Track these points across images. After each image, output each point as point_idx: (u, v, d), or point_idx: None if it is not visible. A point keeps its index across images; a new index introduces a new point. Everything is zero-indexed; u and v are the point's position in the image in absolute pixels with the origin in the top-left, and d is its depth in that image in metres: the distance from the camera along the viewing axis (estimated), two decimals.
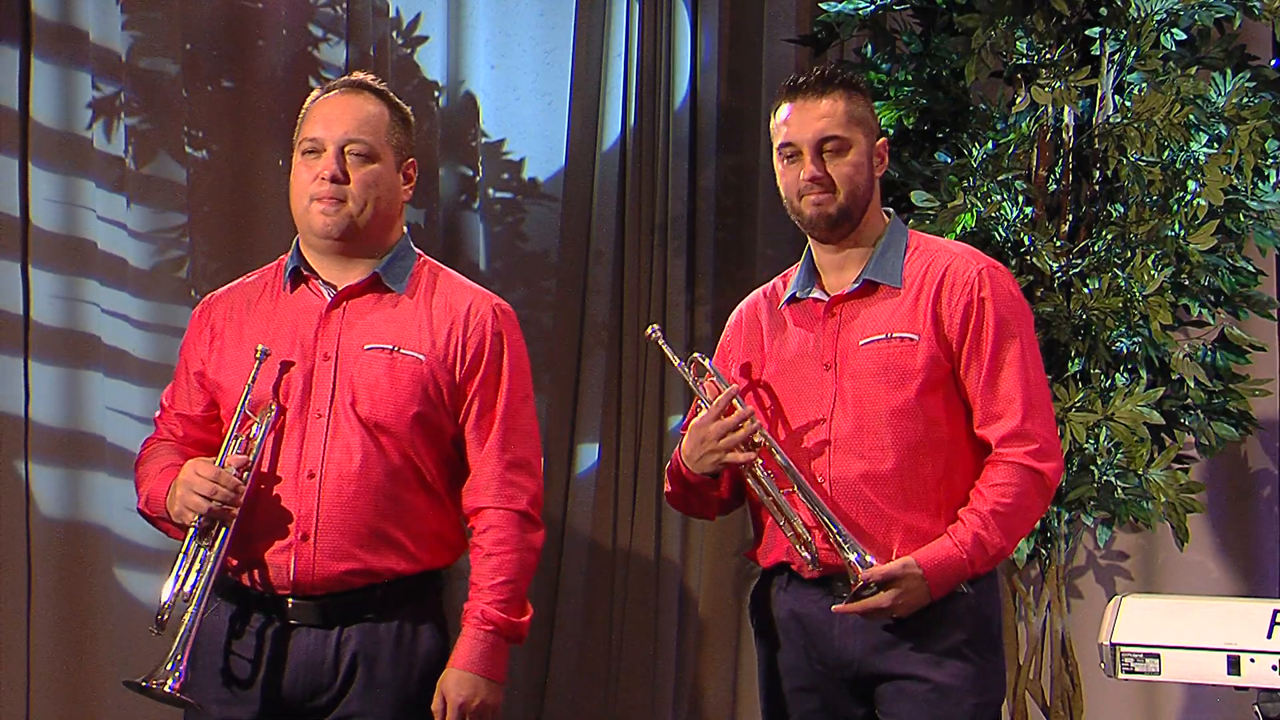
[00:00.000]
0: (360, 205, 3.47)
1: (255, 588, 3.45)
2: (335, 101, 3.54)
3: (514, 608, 3.48)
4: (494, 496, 3.49)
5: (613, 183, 5.72)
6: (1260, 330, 5.19)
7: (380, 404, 3.44)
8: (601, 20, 5.72)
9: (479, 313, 3.54)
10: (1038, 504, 3.52)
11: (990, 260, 3.62)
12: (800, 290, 3.64)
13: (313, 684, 3.44)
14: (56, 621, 5.05)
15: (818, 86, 3.58)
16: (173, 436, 3.59)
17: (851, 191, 3.56)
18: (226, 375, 3.51)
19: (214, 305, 3.62)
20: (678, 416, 5.66)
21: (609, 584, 5.68)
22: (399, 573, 3.46)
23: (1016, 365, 3.52)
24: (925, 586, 3.43)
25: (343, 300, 3.51)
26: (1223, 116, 4.75)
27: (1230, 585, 5.62)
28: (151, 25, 5.21)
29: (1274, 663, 3.62)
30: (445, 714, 3.44)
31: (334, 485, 3.42)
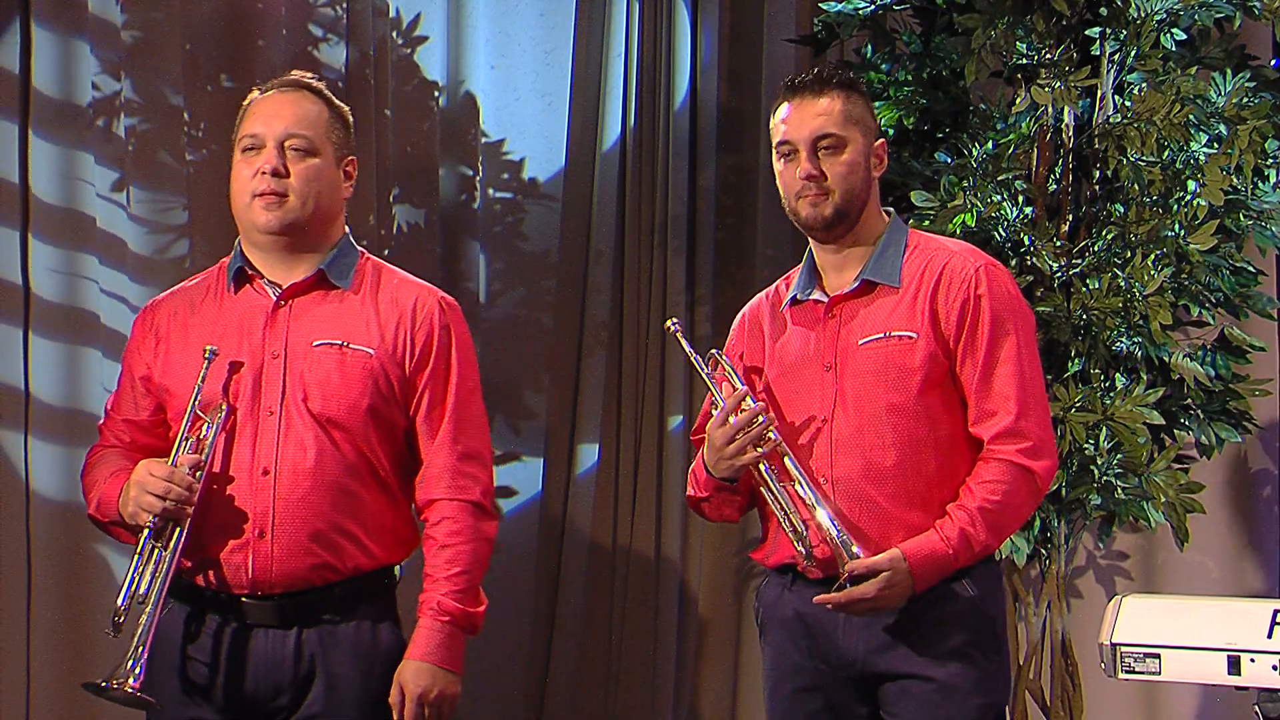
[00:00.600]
0: (302, 199, 3.49)
1: (210, 587, 3.45)
2: (274, 99, 3.56)
3: (469, 598, 3.49)
4: (447, 488, 3.51)
5: (613, 183, 5.72)
6: (1260, 330, 5.19)
7: (332, 399, 3.46)
8: (601, 20, 5.71)
9: (426, 306, 3.56)
10: (1027, 502, 3.53)
11: (989, 258, 3.63)
12: (801, 292, 3.65)
13: (273, 684, 3.45)
14: (56, 620, 5.05)
15: (815, 85, 3.59)
16: (119, 443, 3.59)
17: (847, 191, 3.57)
18: (174, 378, 3.52)
19: (157, 310, 3.63)
20: (678, 416, 5.66)
21: (609, 584, 5.68)
22: (357, 568, 3.47)
23: (1012, 363, 3.53)
24: (910, 580, 3.43)
25: (289, 298, 3.53)
26: (1223, 116, 4.75)
27: (1230, 585, 5.62)
28: (151, 25, 5.21)
29: (1274, 663, 3.61)
30: (404, 706, 3.44)
31: (289, 482, 3.43)
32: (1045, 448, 3.54)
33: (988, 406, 3.52)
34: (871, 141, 3.62)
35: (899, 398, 3.51)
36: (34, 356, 5.09)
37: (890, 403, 3.51)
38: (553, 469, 5.67)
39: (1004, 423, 3.50)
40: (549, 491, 5.66)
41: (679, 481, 5.68)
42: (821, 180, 3.55)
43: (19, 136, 5.09)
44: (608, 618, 5.67)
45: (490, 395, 5.61)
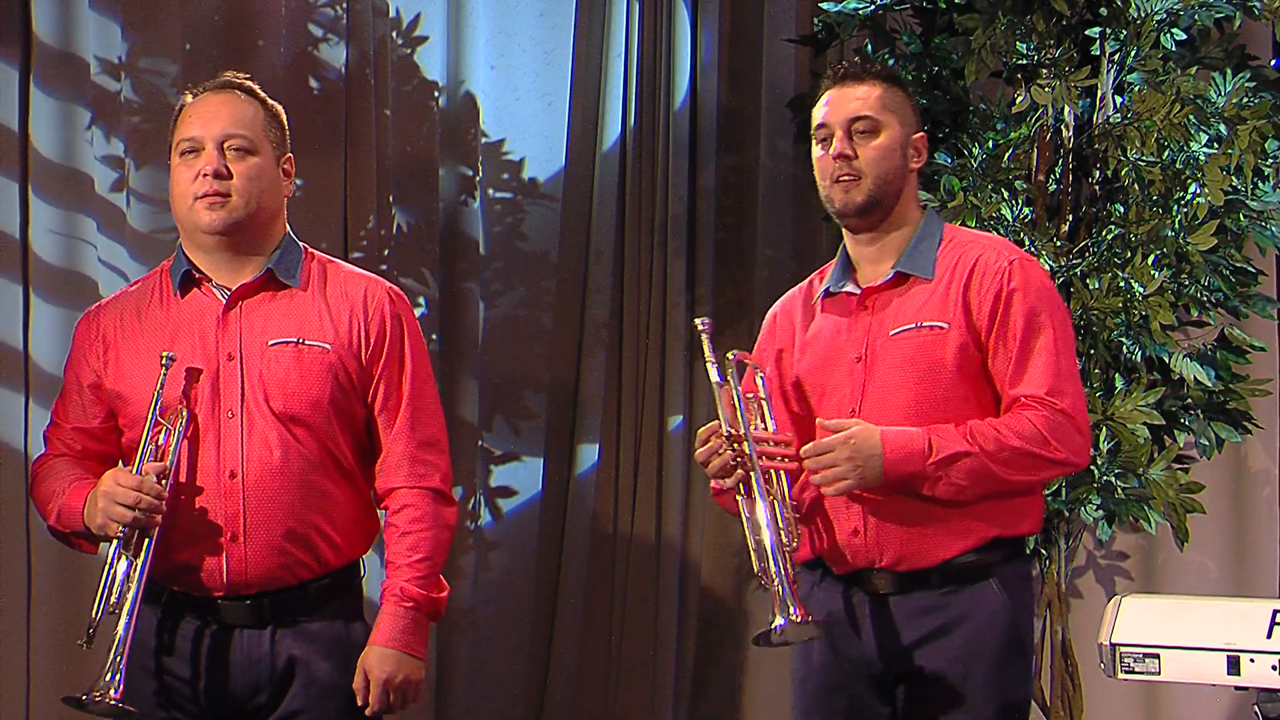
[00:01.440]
0: (245, 198, 3.49)
1: (188, 592, 3.46)
2: (209, 101, 3.55)
3: (432, 583, 3.51)
4: (407, 476, 3.53)
5: (613, 183, 5.72)
6: (1260, 330, 5.19)
7: (293, 397, 3.47)
8: (601, 20, 5.71)
9: (376, 298, 3.57)
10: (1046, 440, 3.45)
11: (1022, 252, 3.62)
12: (834, 285, 3.64)
13: (251, 684, 3.46)
14: (56, 621, 5.05)
15: (856, 73, 3.61)
16: (70, 451, 3.58)
17: (879, 176, 3.55)
18: (127, 384, 3.51)
19: (101, 315, 3.63)
20: (678, 416, 5.66)
21: (609, 584, 5.68)
22: (329, 564, 3.49)
23: (1048, 353, 3.50)
24: (879, 448, 3.41)
25: (238, 299, 3.52)
26: (1223, 116, 4.75)
27: (1230, 585, 5.62)
28: (151, 25, 5.21)
29: (1274, 663, 3.61)
30: (368, 691, 3.45)
31: (256, 483, 3.43)
32: (1082, 419, 3.49)
33: (1021, 389, 3.49)
34: (909, 132, 3.61)
35: (928, 389, 3.50)
36: (34, 356, 5.09)
37: (919, 394, 3.49)
38: (553, 469, 5.67)
39: (1043, 389, 3.47)
40: (549, 491, 5.66)
41: (679, 481, 5.68)
42: (853, 160, 3.54)
43: (19, 137, 5.09)
44: (608, 618, 5.67)
45: (490, 395, 5.66)
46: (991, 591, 3.49)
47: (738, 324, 5.76)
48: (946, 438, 3.44)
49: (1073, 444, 3.48)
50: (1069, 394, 3.49)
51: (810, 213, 5.72)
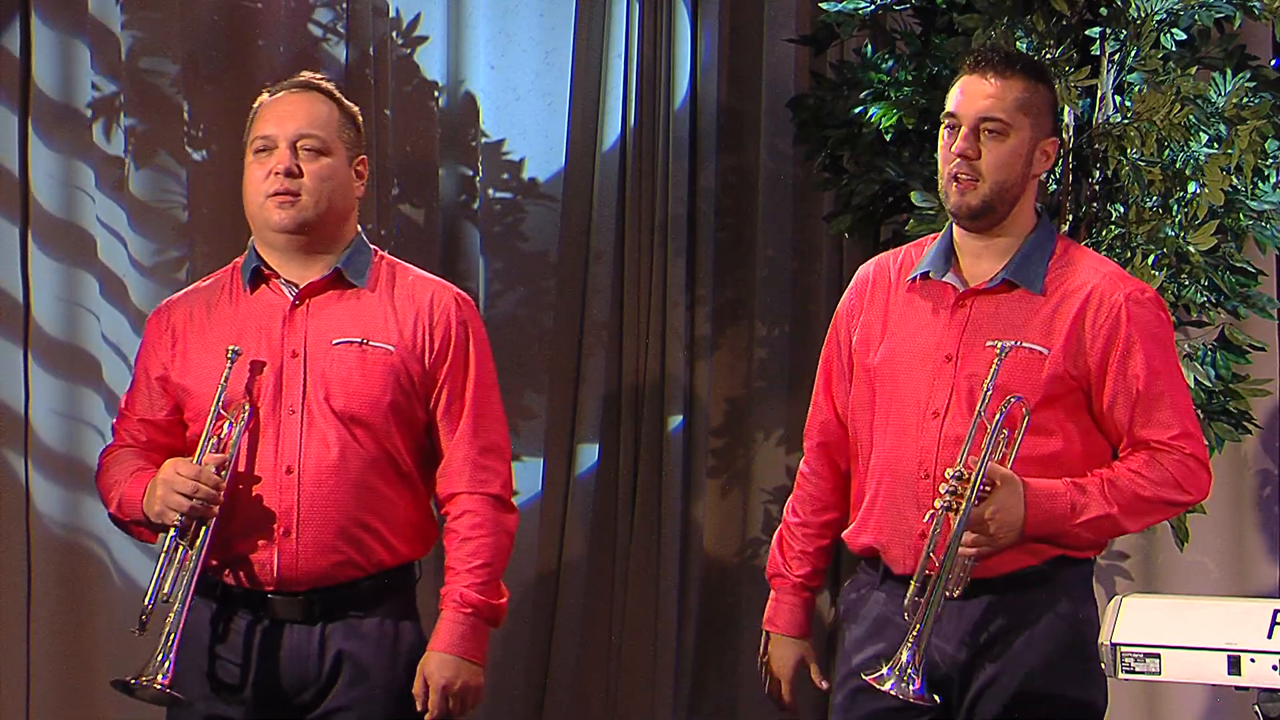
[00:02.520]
0: (315, 199, 3.51)
1: (239, 585, 3.48)
2: (285, 100, 3.58)
3: (492, 590, 3.52)
4: (468, 481, 3.54)
5: (613, 183, 5.72)
6: (1260, 330, 5.19)
7: (354, 397, 3.48)
8: (601, 20, 5.71)
9: (442, 302, 3.58)
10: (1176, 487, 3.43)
11: (1136, 282, 3.52)
12: (935, 270, 3.53)
13: (299, 679, 3.48)
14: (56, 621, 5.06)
15: (999, 65, 3.49)
16: (135, 442, 3.61)
17: (999, 182, 3.45)
18: (193, 378, 3.54)
19: (172, 310, 3.65)
20: (678, 416, 5.66)
21: (609, 584, 5.68)
22: (381, 564, 3.50)
23: (1171, 394, 3.44)
24: (1023, 504, 3.33)
25: (305, 297, 3.55)
26: (1223, 116, 4.75)
27: (1230, 585, 5.61)
28: (151, 25, 5.21)
29: (1274, 663, 3.61)
30: (427, 697, 3.46)
31: (313, 480, 3.45)
32: (1206, 456, 3.46)
33: (1150, 434, 3.43)
34: (1040, 137, 3.49)
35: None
36: (34, 357, 5.09)
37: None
38: (553, 469, 5.67)
39: (1170, 433, 3.43)
40: (549, 491, 5.66)
41: (679, 481, 5.68)
42: (974, 161, 3.44)
43: (19, 136, 5.09)
44: (608, 618, 5.67)
45: None
46: (1054, 598, 3.45)
47: (738, 324, 5.76)
48: (1089, 498, 3.38)
49: (1199, 483, 3.47)
50: (1193, 433, 3.46)
51: (810, 213, 5.72)
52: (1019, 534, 3.36)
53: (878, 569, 3.54)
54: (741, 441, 5.75)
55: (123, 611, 5.08)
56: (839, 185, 5.14)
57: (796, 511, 3.69)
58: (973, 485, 3.32)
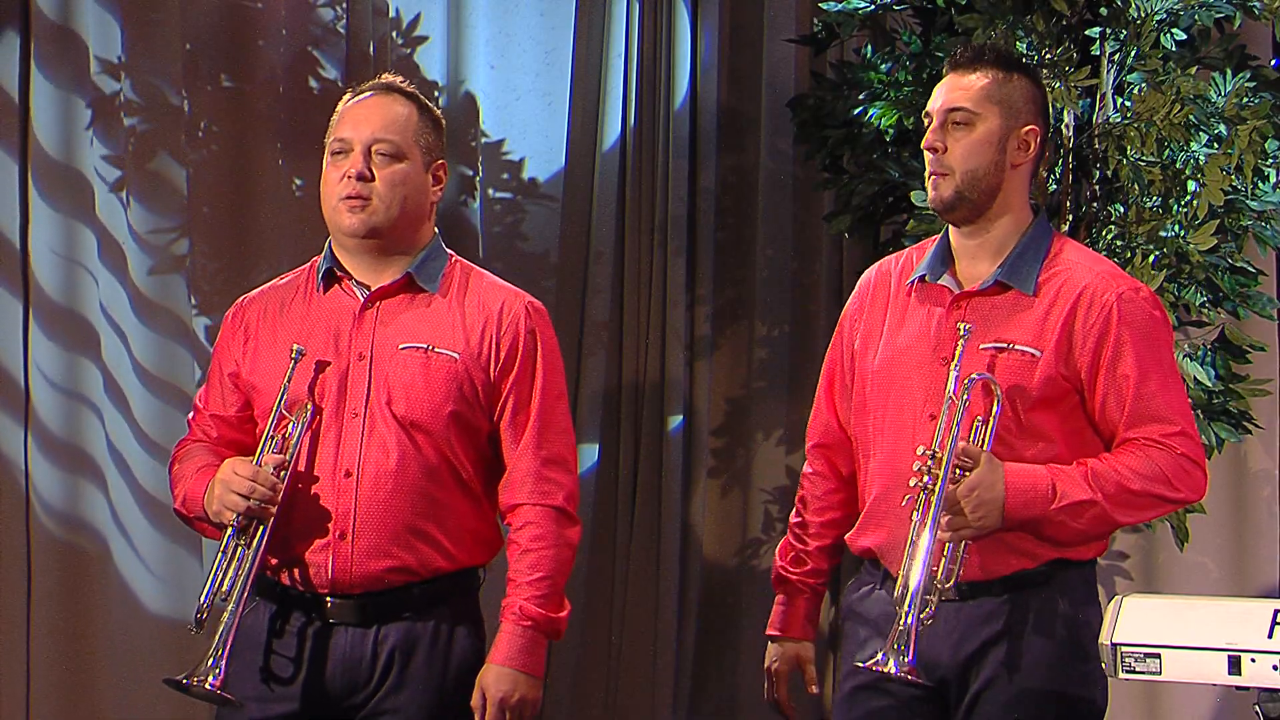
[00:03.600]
0: (386, 203, 3.49)
1: (294, 587, 3.47)
2: (365, 103, 3.56)
3: (552, 603, 3.50)
4: (530, 493, 3.53)
5: (613, 183, 5.72)
6: (1260, 330, 5.19)
7: (416, 403, 3.47)
8: (601, 20, 5.72)
9: (512, 311, 3.56)
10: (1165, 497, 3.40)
11: (1130, 281, 3.49)
12: (931, 273, 3.51)
13: (350, 682, 3.47)
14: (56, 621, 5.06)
15: (968, 60, 3.50)
16: (207, 438, 3.60)
17: (968, 172, 3.43)
18: (262, 376, 3.53)
19: (247, 307, 3.64)
20: (678, 416, 5.66)
21: (609, 584, 5.69)
22: (437, 570, 3.48)
23: (1163, 392, 3.41)
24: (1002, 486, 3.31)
25: (376, 300, 3.53)
26: (1223, 116, 4.75)
27: (1230, 585, 5.62)
28: (151, 25, 5.21)
29: (1275, 663, 3.61)
30: (485, 710, 3.45)
31: (371, 484, 3.44)
32: (1200, 455, 3.43)
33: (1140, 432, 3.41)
34: (1015, 125, 3.46)
35: (1011, 413, 3.39)
36: (34, 357, 5.09)
37: (1002, 417, 3.38)
38: None
39: (1163, 430, 3.40)
40: None
41: (679, 481, 5.68)
42: (942, 154, 3.43)
43: (19, 136, 5.09)
44: (608, 618, 5.67)
45: None
46: (1053, 599, 3.43)
47: (738, 324, 5.76)
48: (1071, 483, 3.35)
49: (1193, 482, 3.43)
50: (1188, 432, 3.42)
51: (810, 213, 5.72)
52: (1000, 515, 3.34)
53: (879, 570, 3.53)
54: (741, 441, 5.75)
55: (123, 611, 5.09)
56: (839, 185, 5.15)
57: (798, 512, 3.70)
58: (945, 463, 3.33)
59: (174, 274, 5.20)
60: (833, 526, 3.66)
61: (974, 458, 3.33)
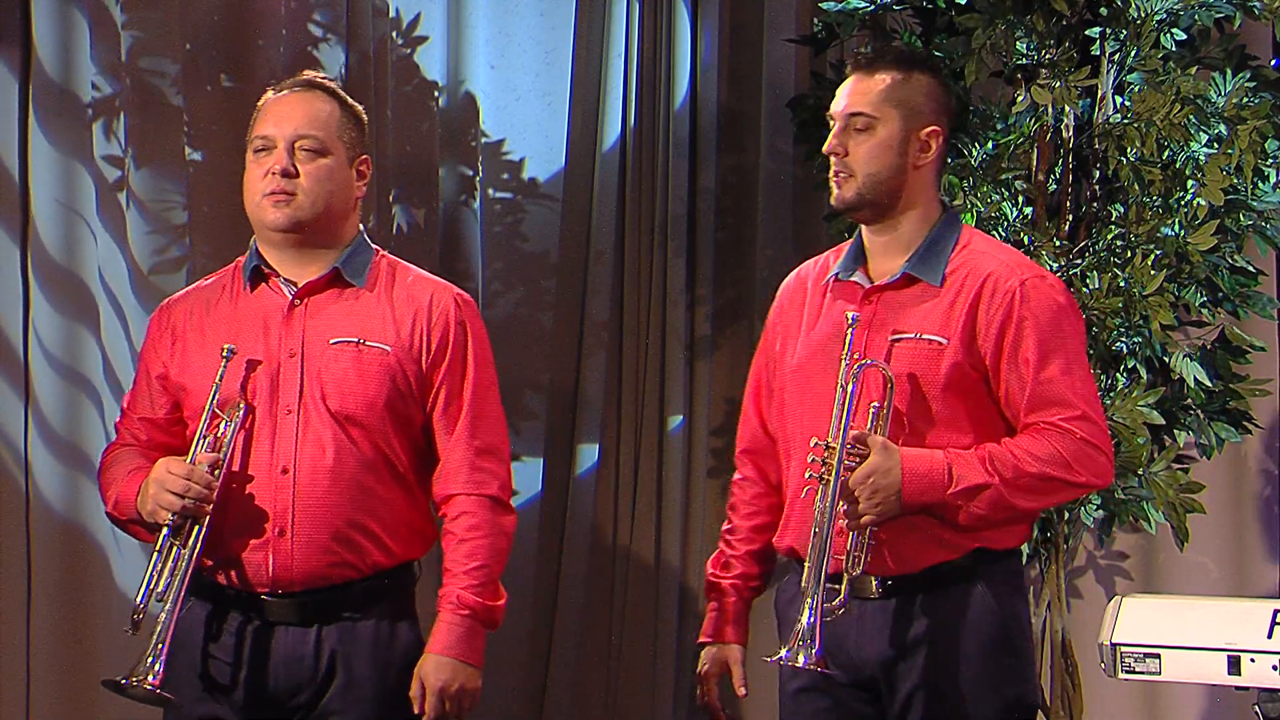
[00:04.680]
0: (311, 198, 3.51)
1: (232, 586, 3.47)
2: (286, 100, 3.58)
3: (489, 592, 3.51)
4: (464, 483, 3.53)
5: (613, 183, 5.72)
6: (1260, 330, 5.19)
7: (350, 397, 3.48)
8: (601, 20, 5.71)
9: (441, 303, 3.57)
10: (1066, 463, 3.40)
11: (1035, 269, 3.52)
12: (845, 271, 3.56)
13: (293, 681, 3.47)
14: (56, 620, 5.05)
15: (868, 62, 3.53)
16: (136, 441, 3.61)
17: (870, 175, 3.48)
18: (191, 376, 3.53)
19: (173, 308, 3.65)
20: (678, 416, 5.66)
21: (609, 584, 5.68)
22: (376, 565, 3.49)
23: (1063, 377, 3.43)
24: (898, 471, 3.34)
25: (304, 296, 3.54)
26: (1223, 116, 4.75)
27: (1230, 585, 5.62)
28: (151, 25, 5.21)
29: (1274, 663, 3.62)
30: (424, 699, 3.45)
31: (308, 480, 3.45)
32: (1103, 440, 3.44)
33: (1039, 416, 3.42)
34: (915, 127, 3.50)
35: (921, 401, 3.43)
36: (33, 359, 5.09)
37: (911, 405, 3.43)
38: (553, 469, 5.67)
39: (1063, 414, 3.41)
40: (549, 491, 5.66)
41: (679, 481, 5.68)
42: (844, 158, 3.48)
43: (19, 136, 5.09)
44: (608, 618, 5.67)
45: None
46: (978, 593, 3.45)
47: (738, 324, 5.76)
48: (967, 466, 3.38)
49: (1096, 466, 3.44)
50: (1090, 416, 3.43)
51: (810, 213, 5.72)
52: (897, 501, 3.35)
53: (802, 568, 3.53)
54: None
55: (122, 612, 5.07)
56: None
57: (729, 519, 3.72)
58: (838, 452, 3.35)
59: (174, 274, 5.19)
60: (761, 531, 3.67)
61: (867, 445, 3.36)
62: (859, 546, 3.39)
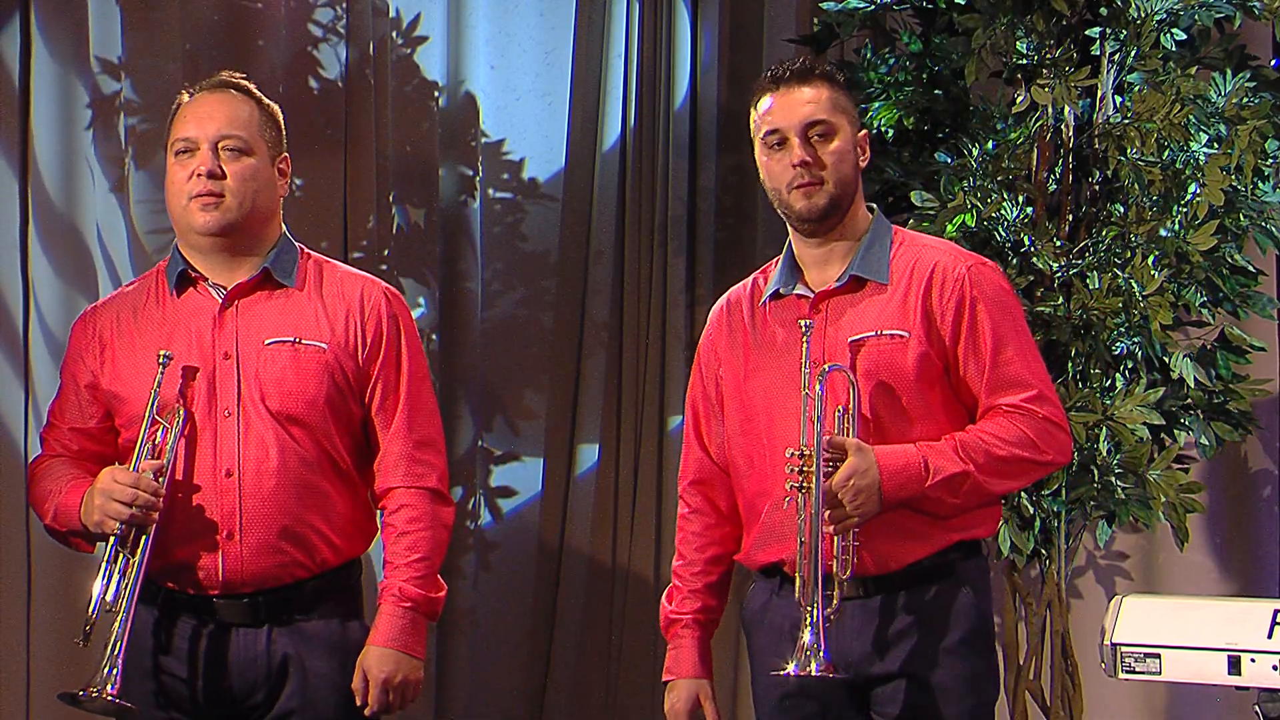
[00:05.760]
0: (239, 199, 3.50)
1: (183, 591, 3.47)
2: (205, 100, 3.56)
3: (430, 583, 3.52)
4: (404, 476, 3.54)
5: (613, 183, 5.72)
6: (1260, 330, 5.19)
7: (290, 396, 3.48)
8: (601, 20, 5.71)
9: (372, 298, 3.58)
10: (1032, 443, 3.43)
11: (976, 256, 3.58)
12: (783, 286, 3.57)
13: (247, 682, 3.47)
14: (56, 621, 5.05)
15: (801, 75, 3.54)
16: (66, 451, 3.59)
17: (840, 180, 3.50)
18: (124, 384, 3.52)
19: (98, 316, 3.63)
20: (678, 417, 5.66)
21: (609, 584, 5.68)
22: (325, 563, 3.50)
23: (1020, 358, 3.48)
24: (876, 470, 3.35)
25: (234, 299, 3.53)
26: (1223, 116, 4.75)
27: (1230, 585, 5.62)
28: (151, 25, 5.21)
29: (1274, 662, 3.62)
30: (367, 691, 3.46)
31: (253, 481, 3.45)
32: (1062, 418, 3.48)
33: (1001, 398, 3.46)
34: (857, 132, 3.56)
35: (892, 399, 3.45)
36: (34, 361, 5.09)
37: (880, 404, 3.45)
38: (553, 469, 5.67)
39: (1022, 394, 3.45)
40: (549, 492, 5.66)
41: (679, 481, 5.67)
42: (816, 168, 3.49)
43: (19, 136, 5.09)
44: (608, 618, 5.67)
45: (490, 395, 5.65)
46: (958, 589, 3.47)
47: None
48: (942, 457, 3.40)
49: (1058, 444, 3.48)
50: (1047, 396, 3.48)
51: None
52: (878, 499, 3.37)
53: (773, 578, 3.55)
54: None
55: None
56: None
57: (681, 554, 3.70)
58: (815, 459, 3.36)
59: None
60: (716, 563, 3.68)
61: (841, 448, 3.37)
62: (845, 549, 3.40)
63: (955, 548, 3.49)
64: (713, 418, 3.67)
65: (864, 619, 3.46)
